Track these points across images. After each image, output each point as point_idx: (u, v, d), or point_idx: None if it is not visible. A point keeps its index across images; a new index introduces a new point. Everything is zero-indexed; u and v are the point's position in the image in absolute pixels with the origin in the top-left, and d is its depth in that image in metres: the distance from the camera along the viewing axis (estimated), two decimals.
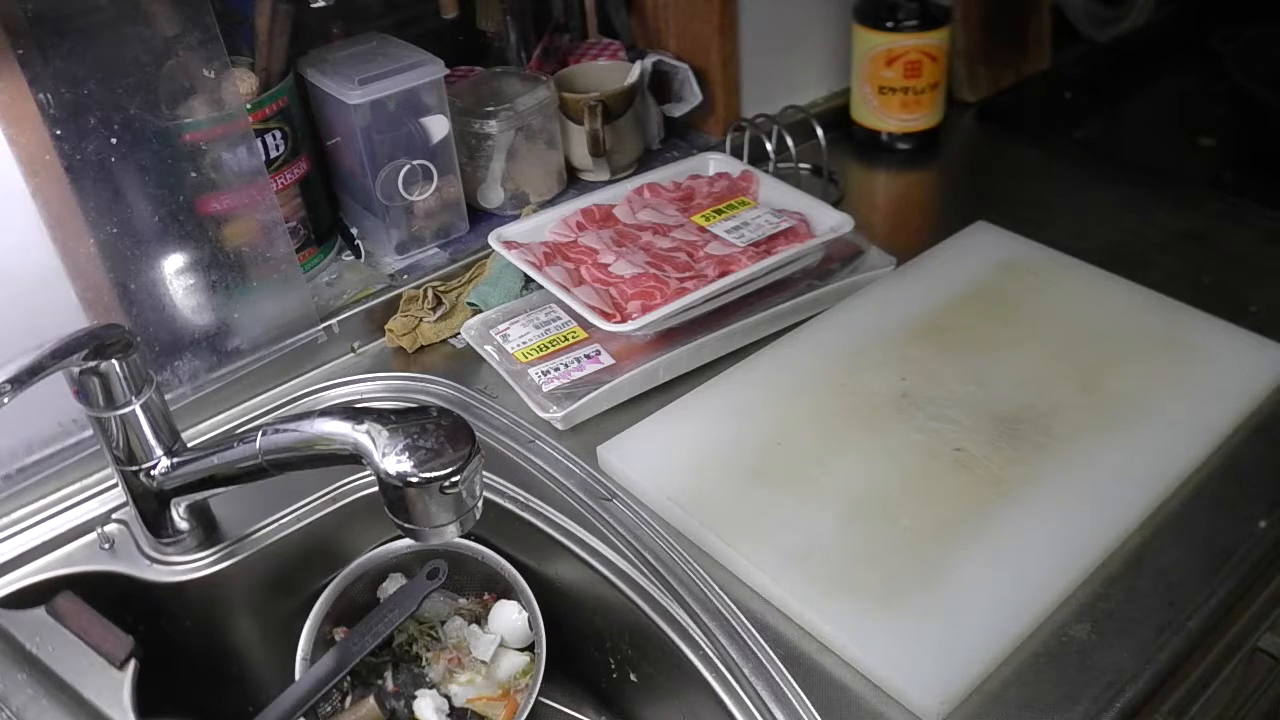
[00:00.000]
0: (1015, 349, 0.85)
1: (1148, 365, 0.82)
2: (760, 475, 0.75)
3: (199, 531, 0.77)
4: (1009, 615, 0.64)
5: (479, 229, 1.03)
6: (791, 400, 0.82)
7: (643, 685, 0.77)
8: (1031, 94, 1.32)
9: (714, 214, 0.97)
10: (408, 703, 0.79)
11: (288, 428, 0.67)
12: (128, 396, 0.68)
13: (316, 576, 0.82)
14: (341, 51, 0.96)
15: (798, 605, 0.66)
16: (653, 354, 0.86)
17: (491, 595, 0.84)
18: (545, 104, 1.04)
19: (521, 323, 0.91)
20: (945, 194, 1.18)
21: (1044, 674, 0.62)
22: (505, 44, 1.12)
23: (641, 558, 0.72)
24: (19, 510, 0.78)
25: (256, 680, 0.83)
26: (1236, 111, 1.29)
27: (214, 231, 0.84)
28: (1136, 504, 0.71)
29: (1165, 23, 1.47)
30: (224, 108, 0.82)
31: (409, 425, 0.62)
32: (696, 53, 1.14)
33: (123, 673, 0.70)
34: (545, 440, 0.83)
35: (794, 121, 1.11)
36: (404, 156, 0.95)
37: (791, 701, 0.62)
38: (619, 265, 0.90)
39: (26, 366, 0.59)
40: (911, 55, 1.14)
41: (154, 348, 0.83)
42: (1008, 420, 0.78)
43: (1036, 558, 0.68)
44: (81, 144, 0.74)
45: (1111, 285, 0.92)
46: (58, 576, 0.75)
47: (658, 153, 1.17)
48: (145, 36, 0.76)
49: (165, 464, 0.71)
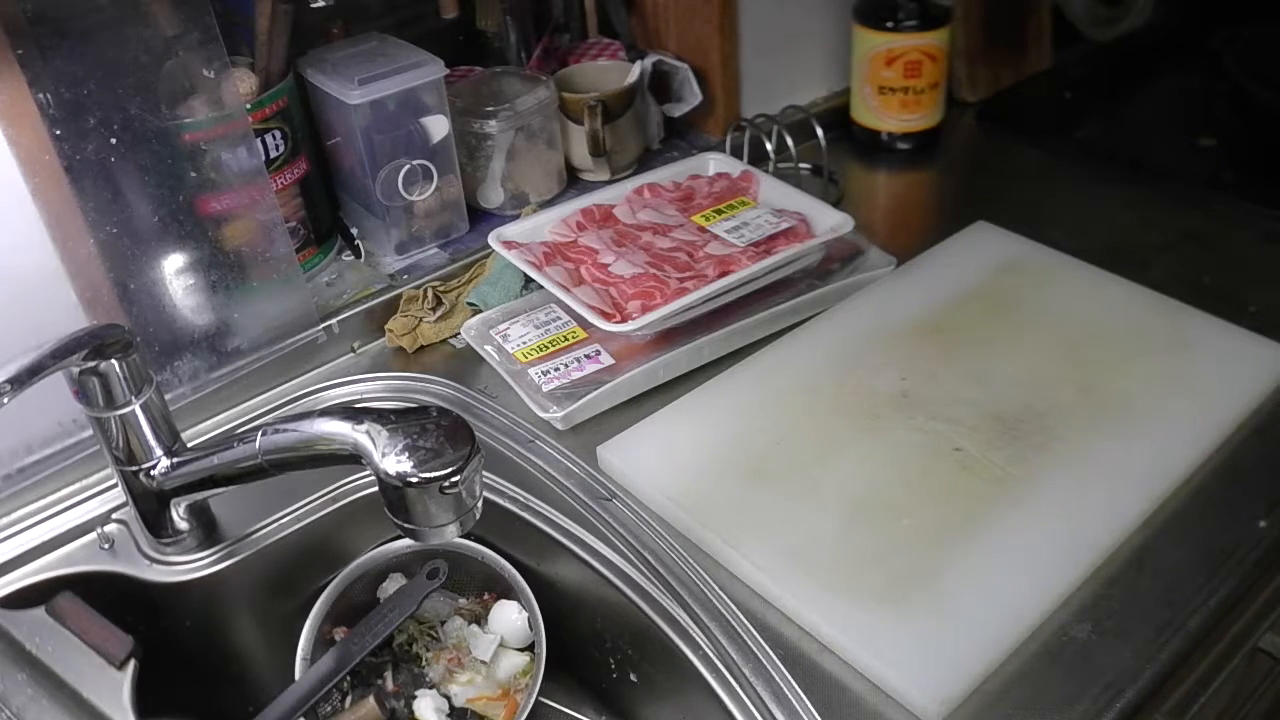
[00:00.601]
0: (1015, 349, 0.85)
1: (1148, 365, 0.82)
2: (760, 475, 0.75)
3: (199, 531, 0.77)
4: (1009, 615, 0.64)
5: (479, 229, 1.03)
6: (792, 400, 0.82)
7: (643, 685, 0.77)
8: (1031, 94, 1.32)
9: (714, 214, 0.97)
10: (408, 703, 0.79)
11: (288, 428, 0.67)
12: (127, 396, 0.68)
13: (316, 576, 0.82)
14: (341, 51, 0.96)
15: (798, 605, 0.66)
16: (653, 354, 0.86)
17: (491, 595, 0.84)
18: (545, 104, 1.04)
19: (521, 323, 0.91)
20: (945, 194, 1.18)
21: (1044, 674, 0.62)
22: (505, 44, 1.12)
23: (641, 558, 0.72)
24: (19, 510, 0.78)
25: (256, 680, 0.83)
26: (1236, 111, 1.29)
27: (214, 231, 0.84)
28: (1136, 504, 0.71)
29: (1165, 23, 1.47)
30: (224, 108, 0.82)
31: (409, 425, 0.62)
32: (696, 53, 1.14)
33: (122, 673, 0.70)
34: (545, 440, 0.83)
35: (794, 121, 1.11)
36: (404, 156, 0.95)
37: (791, 701, 0.62)
38: (619, 265, 0.90)
39: (26, 366, 0.59)
40: (911, 55, 1.14)
41: (154, 348, 0.83)
42: (1008, 420, 0.78)
43: (1036, 558, 0.68)
44: (81, 144, 0.74)
45: (1111, 285, 0.92)
46: (58, 576, 0.75)
47: (658, 153, 1.17)
48: (145, 36, 0.76)
49: (165, 464, 0.71)
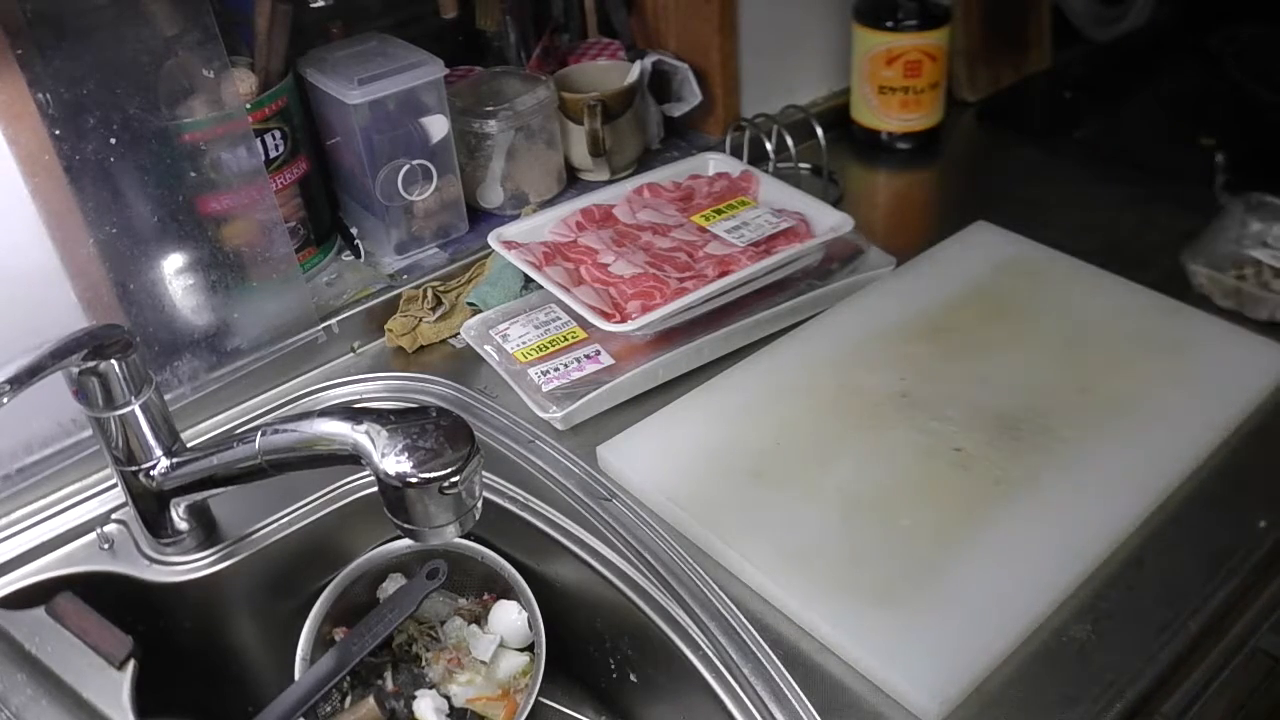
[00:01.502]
0: (1015, 349, 0.85)
1: (1147, 365, 0.82)
2: (760, 475, 0.75)
3: (198, 532, 0.77)
4: (1009, 615, 0.64)
5: (479, 229, 1.03)
6: (791, 400, 0.82)
7: (643, 685, 0.77)
8: (1031, 94, 1.32)
9: (714, 214, 0.97)
10: (407, 703, 0.79)
11: (287, 428, 0.66)
12: (127, 397, 0.68)
13: (316, 576, 0.82)
14: (341, 51, 0.96)
15: (797, 605, 0.66)
16: (652, 354, 0.86)
17: (491, 595, 0.84)
18: (545, 104, 1.04)
19: (521, 323, 0.91)
20: (945, 194, 1.18)
21: (1044, 674, 0.62)
22: (505, 44, 1.12)
23: (641, 558, 0.72)
24: (19, 510, 0.78)
25: (256, 680, 0.83)
26: (1236, 111, 1.29)
27: (213, 231, 0.84)
28: (1136, 504, 0.71)
29: (1165, 23, 1.47)
30: (223, 108, 0.82)
31: (408, 425, 0.62)
32: (696, 52, 1.14)
33: (122, 673, 0.70)
34: (545, 440, 0.83)
35: (794, 121, 1.11)
36: (404, 156, 0.95)
37: (791, 701, 0.62)
38: (619, 265, 0.90)
39: (26, 366, 0.59)
40: (911, 55, 1.14)
41: (153, 348, 0.83)
42: (1007, 420, 0.78)
43: (1036, 558, 0.68)
44: (81, 144, 0.74)
45: (1111, 285, 0.92)
46: (57, 576, 0.75)
47: (658, 153, 1.17)
48: (145, 36, 0.76)
49: (165, 464, 0.71)
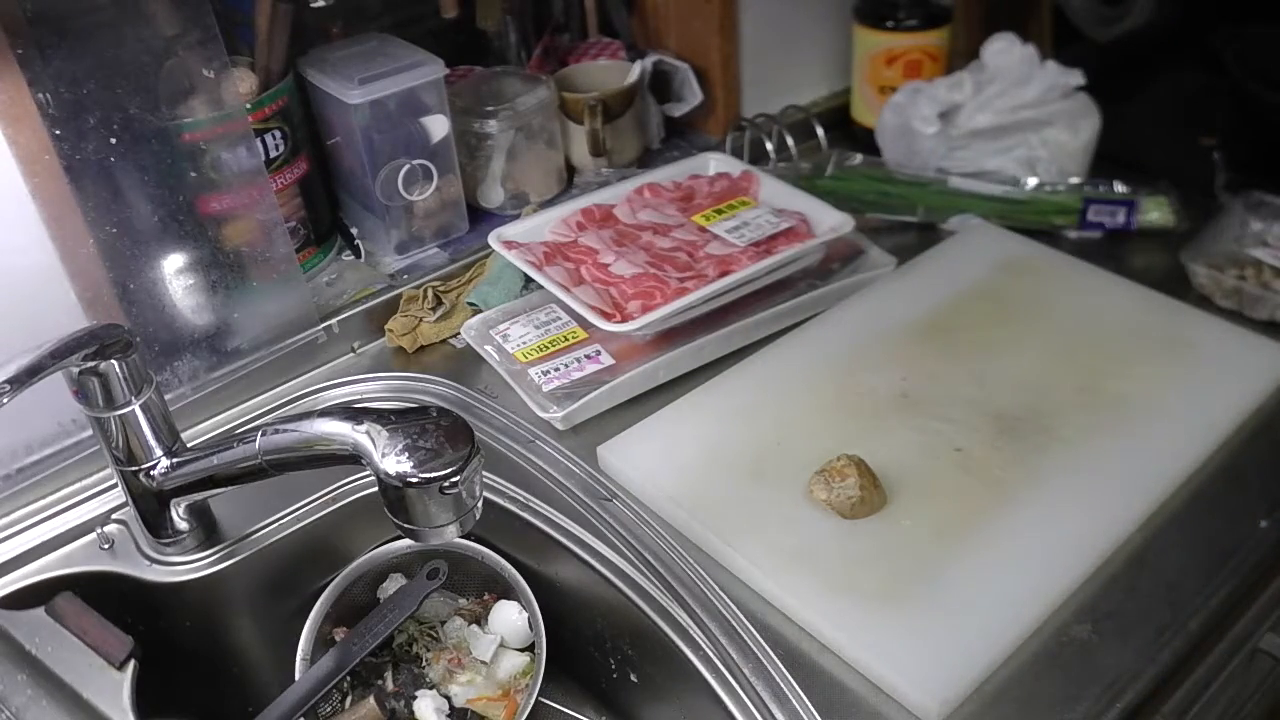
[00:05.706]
0: (1015, 349, 0.85)
1: (1148, 365, 0.82)
2: (761, 475, 0.75)
3: (199, 532, 0.77)
4: (1009, 615, 0.64)
5: (479, 229, 1.03)
6: (791, 400, 0.82)
7: (643, 685, 0.77)
8: None
9: (714, 214, 0.97)
10: (408, 703, 0.79)
11: (287, 428, 0.66)
12: (127, 397, 0.68)
13: (316, 576, 0.82)
14: (341, 51, 0.96)
15: (797, 605, 0.66)
16: (653, 354, 0.86)
17: (491, 595, 0.84)
18: (545, 104, 1.04)
19: (521, 323, 0.90)
20: None
21: (1044, 674, 0.62)
22: (505, 44, 1.12)
23: (641, 558, 0.72)
24: (19, 510, 0.78)
25: (256, 680, 0.83)
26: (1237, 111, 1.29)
27: (214, 231, 0.84)
28: (1137, 504, 0.71)
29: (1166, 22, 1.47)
30: (224, 107, 0.82)
31: (409, 425, 0.62)
32: (696, 52, 1.14)
33: (122, 673, 0.70)
34: (545, 440, 0.83)
35: (794, 121, 1.11)
36: (404, 156, 0.95)
37: (791, 701, 0.62)
38: (619, 265, 0.90)
39: (26, 366, 0.59)
40: (912, 55, 1.14)
41: (154, 348, 0.83)
42: (1008, 420, 0.78)
43: (1037, 558, 0.67)
44: (81, 144, 0.74)
45: (1112, 285, 0.92)
46: (57, 577, 0.75)
47: (658, 153, 1.17)
48: (145, 36, 0.76)
49: (165, 464, 0.71)
